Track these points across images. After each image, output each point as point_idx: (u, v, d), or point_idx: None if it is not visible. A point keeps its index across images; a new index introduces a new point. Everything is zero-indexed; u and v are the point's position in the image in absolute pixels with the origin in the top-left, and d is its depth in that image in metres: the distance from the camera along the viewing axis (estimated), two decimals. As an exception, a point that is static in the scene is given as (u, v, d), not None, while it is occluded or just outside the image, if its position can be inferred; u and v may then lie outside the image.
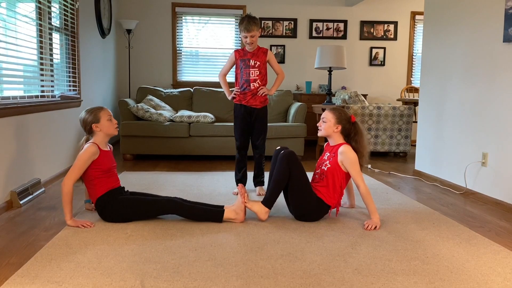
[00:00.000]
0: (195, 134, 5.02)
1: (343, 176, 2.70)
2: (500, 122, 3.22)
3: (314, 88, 6.81)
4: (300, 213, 2.71)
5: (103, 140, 2.69)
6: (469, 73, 3.60)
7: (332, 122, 2.75)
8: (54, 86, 3.91)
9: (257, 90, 3.33)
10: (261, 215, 2.69)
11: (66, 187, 2.51)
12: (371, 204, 2.65)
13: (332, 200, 2.69)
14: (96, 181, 2.60)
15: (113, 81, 6.14)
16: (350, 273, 1.96)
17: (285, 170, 2.62)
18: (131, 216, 2.63)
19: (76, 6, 4.33)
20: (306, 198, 2.66)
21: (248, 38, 3.23)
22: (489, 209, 3.14)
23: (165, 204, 2.64)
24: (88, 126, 2.67)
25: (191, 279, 1.87)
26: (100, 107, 2.73)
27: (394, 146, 5.45)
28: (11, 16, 3.15)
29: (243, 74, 3.35)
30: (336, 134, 2.76)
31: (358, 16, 6.82)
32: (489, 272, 2.00)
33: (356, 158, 2.67)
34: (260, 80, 3.35)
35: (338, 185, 2.69)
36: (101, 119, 2.66)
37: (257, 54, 3.35)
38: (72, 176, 2.54)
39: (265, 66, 3.38)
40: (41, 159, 3.50)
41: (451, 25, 3.87)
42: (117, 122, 2.76)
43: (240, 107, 3.40)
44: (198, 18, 6.59)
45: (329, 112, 2.79)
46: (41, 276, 1.87)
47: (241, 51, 3.39)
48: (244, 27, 3.20)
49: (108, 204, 2.60)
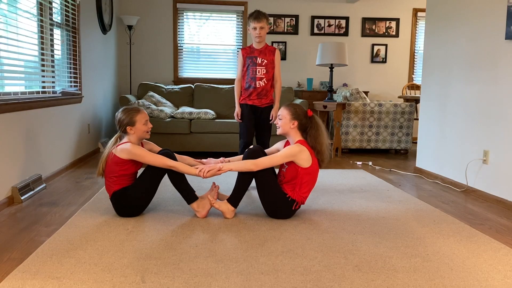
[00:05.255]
0: (196, 130, 5.02)
1: (303, 171, 2.63)
2: (502, 119, 3.21)
3: (316, 85, 6.80)
4: (269, 209, 2.69)
5: (135, 142, 2.69)
6: (471, 70, 3.59)
7: (287, 119, 2.70)
8: (55, 82, 3.90)
9: (262, 90, 3.31)
10: (227, 214, 2.69)
11: (169, 162, 2.58)
12: (238, 166, 2.60)
13: (298, 195, 2.66)
14: (115, 178, 2.61)
15: (114, 77, 6.13)
16: (351, 270, 1.96)
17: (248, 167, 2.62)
18: (143, 203, 2.67)
19: (77, 2, 4.32)
20: (272, 195, 2.63)
21: (257, 30, 3.22)
22: (490, 207, 3.14)
23: (158, 172, 2.65)
24: (123, 127, 2.66)
25: (191, 275, 1.87)
26: (138, 109, 2.69)
27: (395, 144, 5.45)
28: (12, 12, 3.14)
29: (249, 71, 3.32)
30: (293, 130, 2.71)
31: (360, 13, 6.80)
32: (490, 269, 2.00)
33: (292, 152, 2.60)
34: (267, 79, 3.32)
35: (299, 182, 2.64)
36: (136, 123, 2.65)
37: (265, 52, 3.32)
38: (155, 159, 2.58)
39: (272, 65, 3.33)
40: (42, 155, 3.51)
41: (453, 22, 3.85)
42: (152, 126, 2.76)
43: (245, 107, 3.38)
44: (200, 14, 6.58)
45: (284, 108, 2.74)
46: (42, 271, 1.88)
47: (248, 49, 3.37)
48: (254, 17, 3.21)
49: (122, 200, 2.62)
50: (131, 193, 2.61)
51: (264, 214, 2.78)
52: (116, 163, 2.59)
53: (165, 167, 2.61)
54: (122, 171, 2.60)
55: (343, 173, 4.18)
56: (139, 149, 2.59)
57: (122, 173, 2.60)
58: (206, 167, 2.62)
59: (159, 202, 3.02)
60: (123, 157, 2.57)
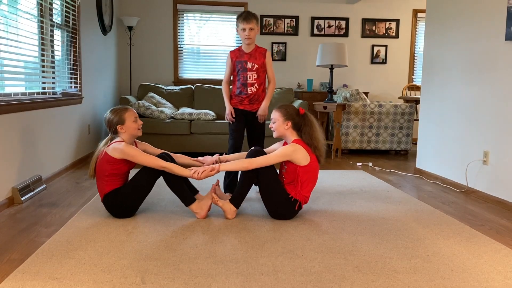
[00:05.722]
0: (196, 131, 5.02)
1: (302, 169, 2.64)
2: (502, 120, 3.21)
3: (316, 86, 6.80)
4: (272, 210, 2.70)
5: (128, 141, 2.68)
6: (471, 71, 3.59)
7: (280, 121, 2.72)
8: (55, 83, 3.91)
9: (254, 95, 3.18)
10: (229, 214, 2.70)
11: (161, 163, 2.57)
12: (232, 166, 2.63)
13: (300, 195, 2.66)
14: (108, 178, 2.59)
15: (114, 78, 6.13)
16: (351, 270, 1.96)
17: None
18: (136, 202, 2.65)
19: (78, 3, 4.32)
20: (275, 195, 2.64)
21: (246, 31, 3.05)
22: (490, 208, 3.14)
23: (155, 172, 2.65)
24: (113, 127, 2.66)
25: (191, 276, 1.87)
26: (125, 108, 2.71)
27: (395, 144, 5.45)
28: (13, 13, 3.14)
29: (240, 77, 3.16)
30: (288, 131, 2.73)
31: (360, 14, 6.80)
32: (490, 270, 2.00)
33: (287, 152, 2.61)
34: (258, 84, 3.17)
35: (299, 180, 2.65)
36: (126, 121, 2.66)
37: (255, 55, 3.16)
38: (147, 159, 2.57)
39: (263, 68, 3.18)
40: (43, 156, 3.51)
41: (453, 23, 3.85)
42: (142, 123, 2.76)
43: (237, 111, 3.23)
44: (200, 15, 6.58)
45: (276, 111, 2.76)
46: (42, 272, 1.88)
47: (237, 51, 3.19)
48: (244, 18, 3.04)
49: (115, 201, 2.60)
50: (123, 193, 2.60)
51: (263, 215, 2.78)
52: (107, 162, 2.57)
53: (158, 168, 2.59)
54: (113, 170, 2.58)
55: (343, 174, 4.18)
56: (132, 148, 2.58)
57: (113, 172, 2.58)
58: (200, 169, 2.63)
59: (159, 203, 3.02)
60: (116, 156, 2.56)
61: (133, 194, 2.62)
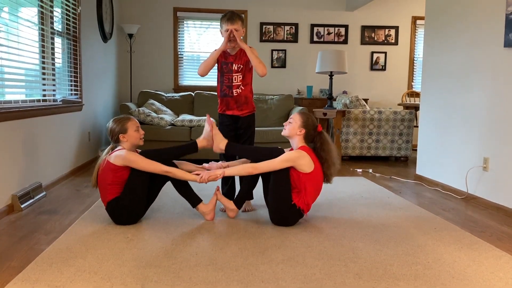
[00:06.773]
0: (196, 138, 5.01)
1: (305, 176, 2.64)
2: (501, 127, 3.22)
3: (315, 93, 6.82)
4: (275, 216, 2.70)
5: (129, 150, 2.69)
6: (470, 78, 3.60)
7: (297, 124, 2.74)
8: (56, 90, 3.92)
9: (240, 97, 3.04)
10: (230, 212, 2.81)
11: (164, 168, 2.61)
12: (237, 171, 2.69)
13: (302, 202, 2.65)
14: (109, 187, 2.60)
15: (115, 85, 6.15)
16: (351, 277, 1.95)
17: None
18: (137, 206, 2.65)
19: (78, 11, 4.35)
20: (280, 199, 2.63)
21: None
22: (490, 214, 3.14)
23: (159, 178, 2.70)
24: (115, 136, 2.69)
25: (192, 283, 1.86)
26: (128, 117, 2.74)
27: (395, 151, 5.45)
28: (14, 21, 3.16)
29: (224, 79, 3.05)
30: (299, 137, 2.75)
31: (359, 21, 6.84)
32: (491, 277, 1.99)
33: (291, 157, 2.62)
34: (244, 85, 3.05)
35: (302, 187, 2.65)
36: (128, 130, 2.68)
37: (240, 56, 3.01)
38: (149, 165, 2.60)
39: (248, 67, 3.03)
40: (43, 163, 3.51)
41: (452, 30, 3.87)
42: (144, 133, 2.79)
43: (225, 117, 3.13)
44: (200, 22, 6.61)
45: (298, 114, 2.79)
46: (42, 280, 1.87)
47: (222, 53, 3.02)
48: (228, 18, 2.90)
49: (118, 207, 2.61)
50: (123, 198, 2.60)
51: (264, 222, 2.77)
52: (110, 170, 2.58)
53: (161, 173, 2.62)
54: (115, 178, 2.59)
55: (344, 181, 4.18)
56: (134, 154, 2.61)
57: (115, 179, 2.59)
58: (205, 174, 2.64)
59: (159, 210, 3.02)
60: (118, 163, 2.57)
61: (131, 195, 2.61)
